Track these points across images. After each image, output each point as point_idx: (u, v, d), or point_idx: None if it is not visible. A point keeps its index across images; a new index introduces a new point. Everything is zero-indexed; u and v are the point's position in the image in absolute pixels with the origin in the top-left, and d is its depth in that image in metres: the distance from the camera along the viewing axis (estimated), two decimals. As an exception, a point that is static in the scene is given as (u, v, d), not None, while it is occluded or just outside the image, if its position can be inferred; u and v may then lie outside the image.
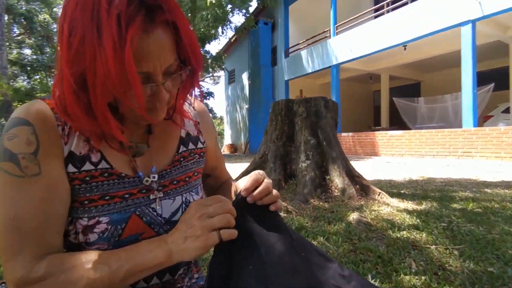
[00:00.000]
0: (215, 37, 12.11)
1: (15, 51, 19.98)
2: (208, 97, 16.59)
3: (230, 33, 15.72)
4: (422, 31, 8.15)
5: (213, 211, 0.51)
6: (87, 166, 0.54)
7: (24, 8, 18.72)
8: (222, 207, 0.52)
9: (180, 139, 0.68)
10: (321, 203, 2.64)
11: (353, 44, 10.04)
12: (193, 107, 0.74)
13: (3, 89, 9.99)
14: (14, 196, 0.49)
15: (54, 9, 20.16)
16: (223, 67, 14.31)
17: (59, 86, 0.49)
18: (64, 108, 0.50)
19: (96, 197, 0.54)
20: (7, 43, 14.83)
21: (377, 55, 9.77)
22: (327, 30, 11.23)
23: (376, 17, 10.01)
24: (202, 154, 0.72)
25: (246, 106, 15.26)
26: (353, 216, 2.17)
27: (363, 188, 2.87)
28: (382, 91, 12.25)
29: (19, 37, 20.59)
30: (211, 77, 25.48)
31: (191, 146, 0.69)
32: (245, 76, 15.40)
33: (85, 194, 0.54)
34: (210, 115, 0.80)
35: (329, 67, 11.03)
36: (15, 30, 20.43)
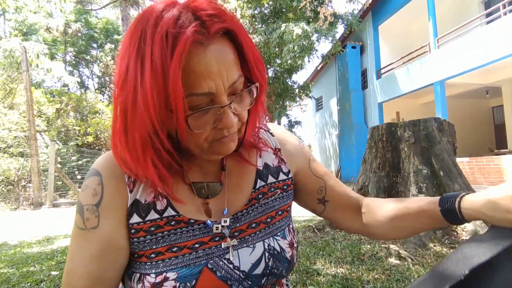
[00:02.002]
0: (301, 67, 12.26)
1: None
2: (296, 126, 16.67)
3: (316, 61, 15.74)
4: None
5: None
6: (152, 215, 0.48)
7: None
8: None
9: (257, 172, 0.56)
10: (444, 248, 2.14)
11: (461, 56, 8.76)
12: (271, 133, 0.62)
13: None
14: (74, 249, 0.47)
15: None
16: (310, 95, 14.24)
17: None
18: (120, 153, 0.46)
19: (163, 249, 0.47)
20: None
21: (494, 65, 8.25)
22: (426, 45, 10.15)
23: (488, 22, 8.61)
24: (285, 187, 0.59)
25: (336, 133, 14.73)
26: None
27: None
28: (506, 106, 10.15)
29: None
30: (298, 106, 25.80)
31: (270, 179, 0.57)
32: (333, 102, 15.03)
33: (151, 247, 0.47)
34: (294, 135, 0.66)
35: (431, 84, 9.81)
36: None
